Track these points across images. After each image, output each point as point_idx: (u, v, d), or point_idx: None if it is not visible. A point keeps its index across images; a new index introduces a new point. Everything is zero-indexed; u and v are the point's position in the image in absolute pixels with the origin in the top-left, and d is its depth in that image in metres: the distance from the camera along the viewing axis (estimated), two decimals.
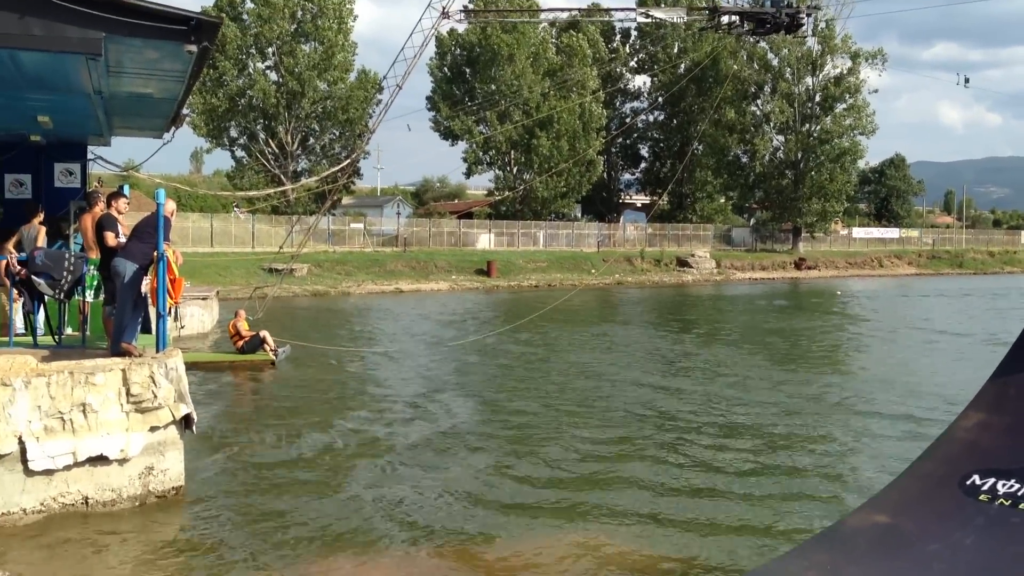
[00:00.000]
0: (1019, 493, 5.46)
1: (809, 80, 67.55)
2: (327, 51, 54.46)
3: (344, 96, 55.62)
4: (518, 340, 23.79)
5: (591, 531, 8.68)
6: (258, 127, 56.34)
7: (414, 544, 8.28)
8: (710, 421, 13.85)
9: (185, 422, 9.35)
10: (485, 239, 60.41)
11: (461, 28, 60.28)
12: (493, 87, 62.04)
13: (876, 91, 68.56)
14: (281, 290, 34.64)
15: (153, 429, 8.98)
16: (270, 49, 54.59)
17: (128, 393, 8.79)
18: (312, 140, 58.66)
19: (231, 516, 8.99)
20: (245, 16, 54.16)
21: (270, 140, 56.43)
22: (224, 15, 50.17)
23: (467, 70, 63.61)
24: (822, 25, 62.02)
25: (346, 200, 67.86)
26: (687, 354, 22.25)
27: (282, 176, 54.89)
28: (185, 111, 13.60)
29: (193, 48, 8.51)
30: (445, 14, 37.61)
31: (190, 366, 11.56)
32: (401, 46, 35.31)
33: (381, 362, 20.55)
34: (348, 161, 38.87)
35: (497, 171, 66.25)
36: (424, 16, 36.29)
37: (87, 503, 8.69)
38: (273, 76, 55.30)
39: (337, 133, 58.17)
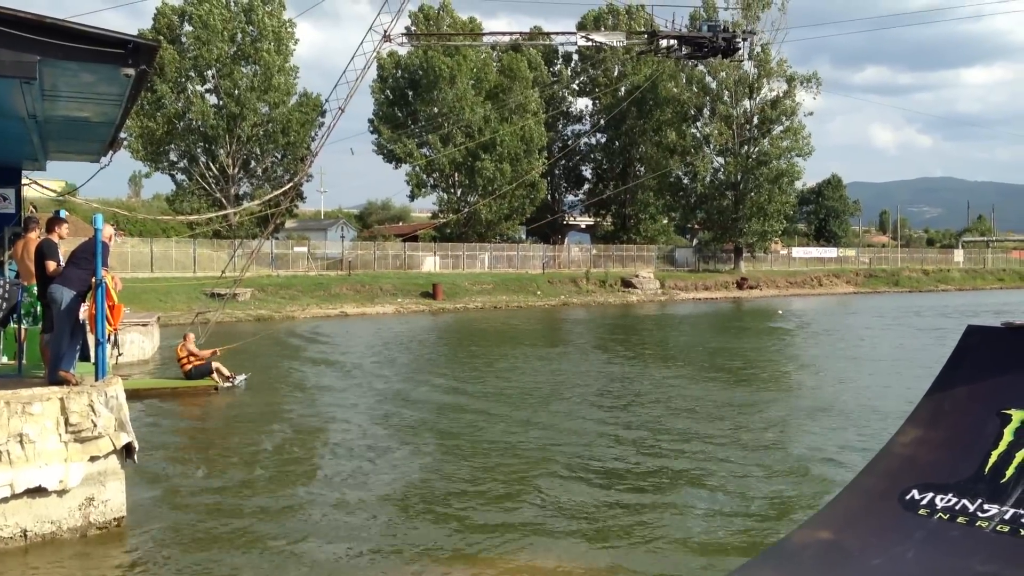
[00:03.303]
0: (956, 507, 5.58)
1: (747, 103, 68.75)
2: (267, 73, 53.96)
3: (285, 119, 55.14)
4: (465, 363, 23.72)
5: (530, 560, 8.66)
6: (198, 150, 55.61)
7: (358, 571, 8.19)
8: (653, 441, 13.93)
9: (126, 451, 9.16)
10: (430, 262, 60.21)
11: (403, 51, 60.37)
12: (435, 109, 62.07)
13: (811, 113, 70.25)
14: (224, 315, 34.12)
15: (93, 459, 8.78)
16: (209, 72, 53.99)
17: (67, 423, 8.59)
18: (254, 163, 57.98)
19: (174, 547, 8.82)
20: (183, 38, 53.55)
21: (211, 163, 55.72)
22: (162, 38, 49.59)
23: (409, 93, 63.51)
24: (758, 49, 63.38)
25: (289, 224, 67.23)
26: (628, 376, 22.39)
27: (223, 200, 54.22)
28: (122, 135, 13.40)
29: (130, 72, 8.38)
30: (387, 37, 37.72)
31: (131, 394, 11.35)
32: (343, 69, 35.35)
33: (326, 386, 20.34)
34: (291, 184, 38.57)
35: (441, 193, 66.16)
36: (366, 39, 36.37)
37: (26, 536, 8.46)
38: (213, 99, 54.68)
39: (279, 156, 57.64)
